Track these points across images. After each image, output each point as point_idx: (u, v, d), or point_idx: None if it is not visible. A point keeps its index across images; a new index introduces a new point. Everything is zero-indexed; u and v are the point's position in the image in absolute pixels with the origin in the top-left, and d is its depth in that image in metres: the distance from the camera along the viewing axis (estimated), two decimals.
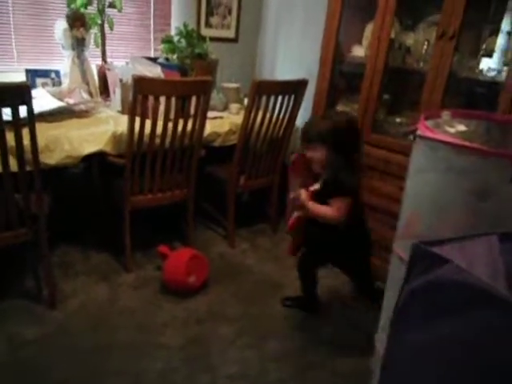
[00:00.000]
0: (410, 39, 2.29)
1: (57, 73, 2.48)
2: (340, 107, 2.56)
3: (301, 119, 2.77)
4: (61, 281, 2.10)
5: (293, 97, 2.46)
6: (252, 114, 2.34)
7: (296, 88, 2.44)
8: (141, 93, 1.93)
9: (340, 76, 2.61)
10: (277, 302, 2.16)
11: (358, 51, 2.46)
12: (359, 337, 1.93)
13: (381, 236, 2.29)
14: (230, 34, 3.35)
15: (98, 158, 2.12)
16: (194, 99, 2.12)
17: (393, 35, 2.22)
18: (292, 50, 3.18)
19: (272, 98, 2.39)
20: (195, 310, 2.04)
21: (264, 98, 2.35)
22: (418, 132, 1.26)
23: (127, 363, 1.70)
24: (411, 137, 1.32)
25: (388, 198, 2.25)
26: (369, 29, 2.40)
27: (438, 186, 1.27)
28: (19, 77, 2.35)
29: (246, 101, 2.51)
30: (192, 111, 2.15)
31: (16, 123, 1.62)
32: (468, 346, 0.83)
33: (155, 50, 3.03)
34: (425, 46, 2.19)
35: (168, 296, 2.11)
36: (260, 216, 2.95)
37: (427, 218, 1.30)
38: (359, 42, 2.49)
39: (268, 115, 2.43)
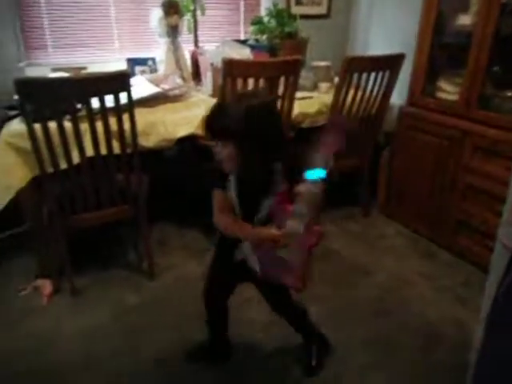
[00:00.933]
0: None
1: (153, 60, 2.62)
2: (441, 83, 2.36)
3: (397, 96, 2.62)
4: (158, 255, 2.26)
5: (387, 73, 2.32)
6: (342, 93, 2.26)
7: (391, 63, 2.30)
8: (230, 75, 1.96)
9: (441, 49, 2.39)
10: (364, 286, 2.10)
11: (464, 19, 2.22)
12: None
13: (482, 221, 2.11)
14: (322, 10, 3.24)
15: (190, 140, 2.21)
16: (282, 80, 2.11)
17: None
18: (387, 23, 2.99)
19: (364, 75, 2.28)
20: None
21: (356, 76, 2.25)
22: None
23: None
24: None
25: (493, 179, 2.05)
26: None
27: None
28: (120, 65, 2.52)
29: (336, 79, 2.42)
30: (280, 92, 2.14)
31: (118, 109, 1.75)
32: None
33: (245, 32, 3.05)
34: None
35: None
36: (349, 199, 2.87)
37: None
38: (464, 10, 2.26)
39: (360, 93, 2.33)
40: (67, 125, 1.71)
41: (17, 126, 1.85)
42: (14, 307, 1.92)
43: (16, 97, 1.64)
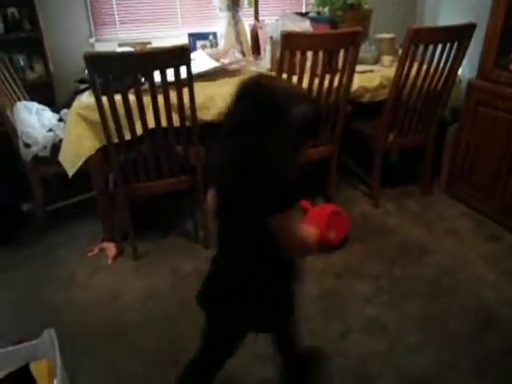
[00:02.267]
0: None
1: (214, 35, 2.66)
2: None
3: (468, 70, 2.47)
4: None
5: (455, 45, 2.19)
6: (406, 66, 2.16)
7: (460, 34, 2.16)
8: (288, 49, 1.95)
9: None
10: (420, 265, 2.05)
11: None
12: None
13: None
14: None
15: None
16: (341, 52, 2.06)
17: None
18: None
19: (430, 48, 2.16)
20: (334, 264, 2.07)
21: (421, 48, 2.14)
22: None
23: None
24: None
25: None
26: None
27: None
28: (183, 40, 2.58)
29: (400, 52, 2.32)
30: (340, 65, 2.09)
31: (178, 83, 1.80)
32: None
33: (307, 4, 2.99)
34: None
35: None
36: (410, 176, 2.78)
37: None
38: None
39: (425, 67, 2.22)
40: (131, 98, 1.80)
41: (86, 98, 1.98)
42: (83, 266, 2.10)
43: (86, 71, 1.75)
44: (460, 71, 2.35)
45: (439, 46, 2.17)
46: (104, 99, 1.76)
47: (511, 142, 2.17)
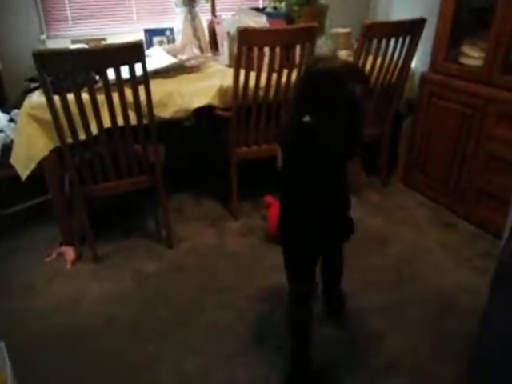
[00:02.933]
0: None
1: (171, 30, 2.62)
2: (465, 48, 2.27)
3: (421, 63, 2.54)
4: (176, 224, 2.32)
5: (408, 39, 2.25)
6: (361, 60, 2.21)
7: (411, 29, 2.23)
8: (245, 44, 1.95)
9: (467, 12, 2.29)
10: (382, 256, 2.10)
11: None
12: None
13: (504, 190, 2.05)
14: None
15: (207, 111, 2.22)
16: (298, 48, 2.07)
17: None
18: None
19: (384, 42, 2.21)
20: None
21: (375, 42, 2.19)
22: None
23: (232, 301, 1.83)
24: None
25: None
26: None
27: None
28: (139, 36, 2.52)
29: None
30: (297, 60, 2.11)
31: (133, 80, 1.77)
32: None
33: None
34: None
35: (271, 244, 2.18)
36: (369, 168, 2.83)
37: None
38: None
39: (379, 60, 2.27)
40: (85, 96, 1.75)
41: (37, 97, 1.91)
42: (41, 271, 2.02)
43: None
44: (413, 64, 2.42)
45: (392, 40, 2.22)
46: (56, 98, 1.70)
47: (463, 132, 2.26)
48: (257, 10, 2.57)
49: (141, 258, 2.11)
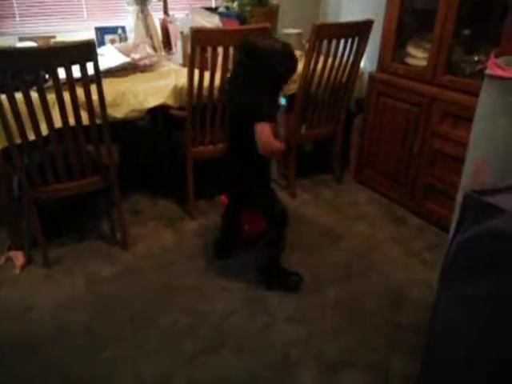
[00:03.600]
0: None
1: (123, 29, 2.58)
2: (410, 48, 2.37)
3: (368, 63, 2.63)
4: (131, 225, 2.29)
5: (356, 39, 2.33)
6: (312, 60, 2.26)
7: (360, 30, 2.31)
8: (198, 44, 1.95)
9: (412, 14, 2.40)
10: (336, 251, 2.16)
11: None
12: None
13: (449, 184, 2.17)
14: None
15: (161, 110, 2.21)
16: None
17: None
18: None
19: (334, 42, 2.28)
20: (254, 257, 2.10)
21: (325, 43, 2.25)
22: (487, 71, 1.14)
23: (191, 303, 1.83)
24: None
25: (460, 144, 2.10)
26: None
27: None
28: (89, 35, 2.47)
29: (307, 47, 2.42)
30: None
31: (84, 79, 1.73)
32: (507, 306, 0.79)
33: None
34: None
35: None
36: (323, 167, 2.91)
37: (498, 167, 1.20)
38: None
39: (330, 60, 2.33)
40: (34, 96, 1.69)
41: None
42: None
43: None
44: (362, 64, 2.51)
45: (342, 41, 2.30)
46: (3, 97, 1.64)
47: (410, 129, 2.36)
48: (209, 9, 2.57)
49: (95, 261, 2.06)
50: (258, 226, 2.22)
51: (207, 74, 2.05)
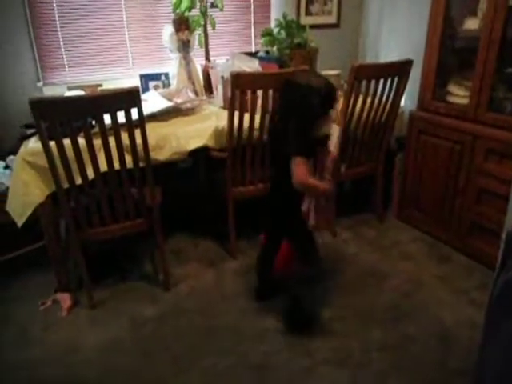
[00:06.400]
0: None
1: (166, 75, 2.69)
2: (451, 87, 2.35)
3: (408, 102, 2.62)
4: (173, 266, 2.30)
5: (396, 79, 2.33)
6: (351, 101, 2.27)
7: (399, 70, 2.31)
8: (238, 88, 2.00)
9: (452, 53, 2.39)
10: (381, 291, 2.09)
11: (472, 24, 2.21)
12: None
13: (497, 223, 2.08)
14: (332, 19, 3.27)
15: (203, 152, 2.25)
16: None
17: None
18: (398, 30, 3.00)
19: (373, 82, 2.29)
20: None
21: (364, 83, 2.26)
22: None
23: (232, 345, 1.80)
24: None
25: (505, 181, 2.03)
26: None
27: None
28: (134, 81, 2.60)
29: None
30: None
31: (129, 124, 1.80)
32: None
33: (256, 44, 3.10)
34: None
35: None
36: (363, 205, 2.86)
37: None
38: (473, 14, 2.25)
39: (369, 100, 2.33)
40: (81, 141, 1.77)
41: (33, 144, 1.93)
42: (36, 320, 1.97)
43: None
44: (402, 103, 2.49)
45: (381, 81, 2.30)
46: (52, 144, 1.72)
47: (452, 167, 2.30)
48: (249, 54, 2.65)
49: (138, 302, 2.07)
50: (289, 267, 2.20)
51: (247, 116, 2.09)
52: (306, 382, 1.62)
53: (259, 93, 2.08)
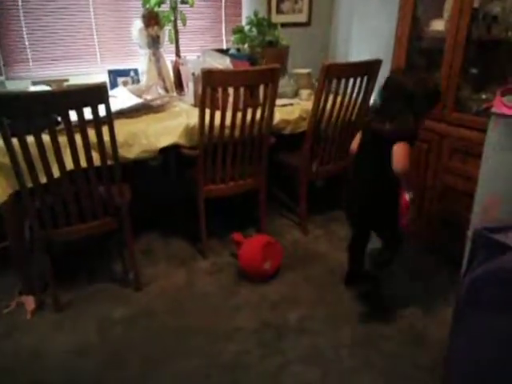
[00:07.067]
0: (496, 7, 2.06)
1: (135, 71, 2.64)
2: None
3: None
4: (144, 266, 2.26)
5: (365, 78, 2.35)
6: (322, 99, 2.29)
7: (368, 69, 2.33)
8: (209, 85, 1.98)
9: (419, 54, 2.44)
10: (350, 289, 2.11)
11: (438, 25, 2.26)
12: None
13: (464, 220, 2.13)
14: (303, 18, 3.29)
15: (174, 150, 2.22)
16: (262, 88, 2.13)
17: (476, 5, 2.02)
18: (368, 30, 3.04)
19: (343, 81, 2.31)
20: (269, 295, 2.08)
21: (334, 82, 2.28)
22: (493, 109, 1.14)
23: (203, 345, 1.78)
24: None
25: (471, 180, 2.08)
26: (450, 0, 2.21)
27: None
28: (102, 77, 2.53)
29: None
30: (261, 100, 2.16)
31: (96, 121, 1.75)
32: None
33: (227, 41, 3.08)
34: None
35: (242, 281, 2.17)
36: (334, 203, 2.89)
37: (507, 203, 1.18)
38: (439, 16, 2.30)
39: (339, 99, 2.35)
40: (46, 139, 1.71)
41: None
42: None
43: None
44: (371, 102, 2.52)
45: (351, 80, 2.32)
46: (15, 141, 1.65)
47: (419, 165, 2.35)
48: (220, 51, 2.63)
49: (107, 303, 2.02)
50: (278, 261, 2.20)
51: (218, 114, 2.07)
52: (277, 381, 1.62)
53: (230, 90, 2.07)
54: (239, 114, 2.11)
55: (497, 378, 0.87)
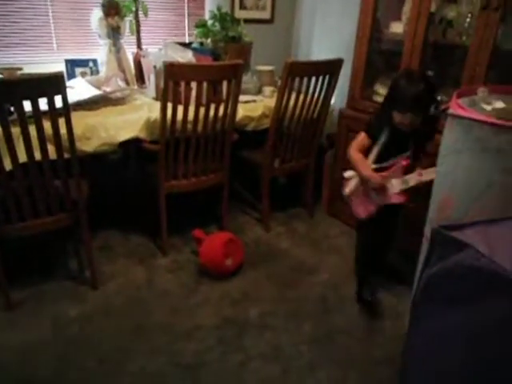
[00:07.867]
0: (452, 12, 2.15)
1: (94, 62, 2.55)
2: (378, 87, 2.46)
3: (338, 99, 2.70)
4: (101, 263, 2.20)
5: (327, 77, 2.39)
6: (285, 97, 2.30)
7: (330, 68, 2.37)
8: (171, 79, 1.95)
9: (379, 54, 2.50)
10: (310, 285, 2.15)
11: (397, 28, 2.34)
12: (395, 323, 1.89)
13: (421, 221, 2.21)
14: (266, 14, 3.29)
15: (134, 144, 2.17)
16: (225, 83, 2.12)
17: (433, 9, 2.10)
18: (330, 29, 3.09)
19: (305, 80, 2.33)
20: (230, 292, 2.07)
21: (297, 80, 2.30)
22: (450, 110, 1.19)
23: (163, 343, 1.76)
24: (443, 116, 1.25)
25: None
26: (408, 3, 2.28)
27: (473, 168, 1.20)
28: (59, 67, 2.43)
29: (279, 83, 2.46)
30: (224, 95, 2.14)
31: (52, 113, 1.68)
32: (476, 338, 0.79)
33: (190, 34, 3.03)
34: (468, 19, 2.05)
35: (203, 279, 2.15)
36: (296, 200, 2.93)
37: (461, 202, 1.24)
38: (398, 18, 2.37)
39: (302, 97, 2.38)
40: None
41: None
42: None
43: None
44: (332, 101, 2.57)
45: (313, 79, 2.35)
46: None
47: None
48: (183, 44, 2.59)
49: (62, 301, 1.95)
50: (239, 258, 2.20)
51: (180, 108, 2.04)
52: (238, 378, 1.62)
53: (193, 85, 2.04)
54: (202, 109, 2.09)
55: (453, 373, 0.91)
